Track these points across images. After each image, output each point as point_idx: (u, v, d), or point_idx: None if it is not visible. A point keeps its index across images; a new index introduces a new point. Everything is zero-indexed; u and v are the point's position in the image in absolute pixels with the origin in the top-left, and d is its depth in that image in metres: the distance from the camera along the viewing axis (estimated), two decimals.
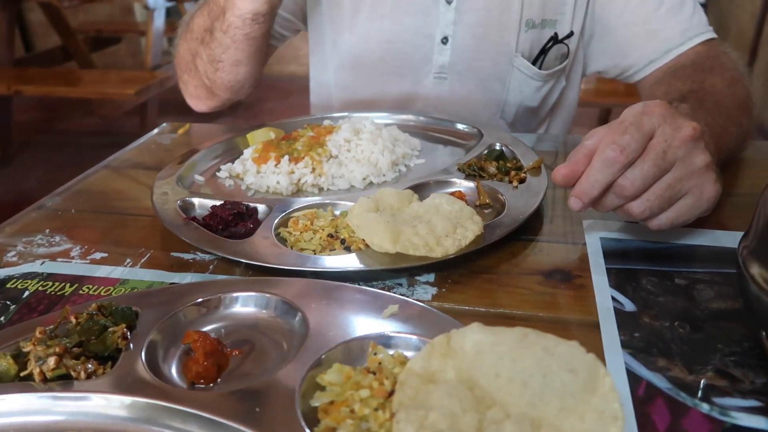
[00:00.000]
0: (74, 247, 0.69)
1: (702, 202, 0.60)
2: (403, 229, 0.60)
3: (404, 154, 0.86)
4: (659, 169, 0.58)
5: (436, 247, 0.60)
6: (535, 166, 0.77)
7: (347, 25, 1.05)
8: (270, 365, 0.49)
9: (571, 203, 0.60)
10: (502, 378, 0.40)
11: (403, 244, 0.59)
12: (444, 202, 0.66)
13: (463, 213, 0.64)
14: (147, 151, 0.98)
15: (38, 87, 3.05)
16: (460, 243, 0.60)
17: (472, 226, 0.62)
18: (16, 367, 0.46)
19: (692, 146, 0.58)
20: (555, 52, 1.04)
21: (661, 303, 0.57)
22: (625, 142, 0.57)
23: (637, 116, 0.58)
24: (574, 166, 0.60)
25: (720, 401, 0.46)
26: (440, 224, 0.61)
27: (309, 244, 0.64)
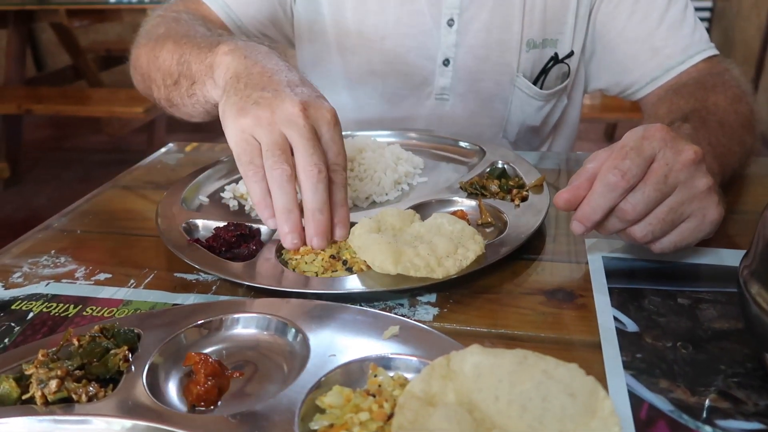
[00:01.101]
0: (79, 268, 0.69)
1: (705, 225, 0.60)
2: (404, 250, 0.61)
3: (407, 173, 0.86)
4: (661, 193, 0.58)
5: (438, 267, 0.60)
6: (537, 184, 0.78)
7: (349, 45, 1.05)
8: (271, 387, 0.49)
9: (574, 227, 0.61)
10: (501, 401, 0.40)
11: (404, 266, 0.59)
12: (445, 222, 0.66)
13: (465, 233, 0.64)
14: (153, 170, 0.99)
15: (48, 106, 3.09)
16: (461, 263, 0.61)
17: (473, 246, 0.62)
18: (18, 390, 0.47)
19: (694, 170, 0.58)
20: (556, 72, 1.04)
21: (664, 323, 0.57)
22: (626, 167, 0.57)
23: (638, 141, 0.59)
24: (576, 191, 0.60)
25: (723, 424, 0.45)
26: (441, 244, 0.61)
27: (311, 266, 0.64)
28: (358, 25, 1.04)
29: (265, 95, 0.65)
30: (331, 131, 0.66)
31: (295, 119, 0.63)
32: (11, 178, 3.32)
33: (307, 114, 0.64)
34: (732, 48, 3.98)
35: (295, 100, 0.64)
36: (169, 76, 0.84)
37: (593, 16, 1.00)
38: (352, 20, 1.03)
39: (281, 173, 0.62)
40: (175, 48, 0.83)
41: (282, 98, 0.64)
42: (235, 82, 0.68)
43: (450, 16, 0.99)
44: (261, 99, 0.65)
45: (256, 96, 0.65)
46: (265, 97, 0.65)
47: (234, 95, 0.67)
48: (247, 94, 0.66)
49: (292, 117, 0.63)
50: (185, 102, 0.83)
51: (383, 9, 1.01)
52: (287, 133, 0.64)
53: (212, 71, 0.73)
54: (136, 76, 0.98)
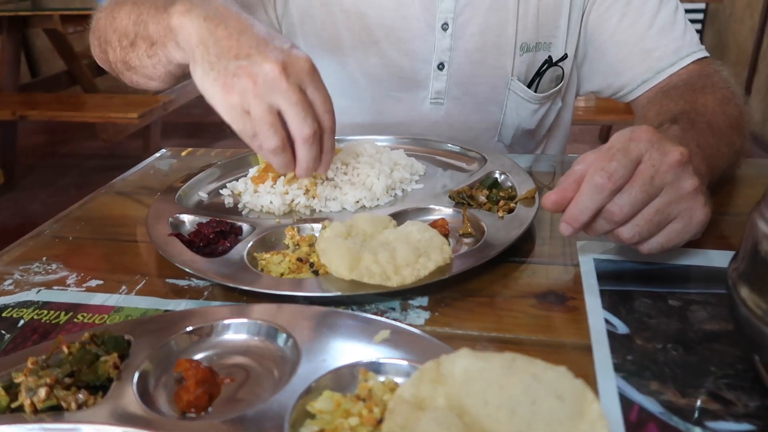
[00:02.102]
0: (70, 274, 0.69)
1: (692, 226, 0.60)
2: (364, 256, 0.61)
3: (402, 179, 0.85)
4: (647, 194, 0.58)
5: (394, 276, 0.60)
6: (527, 197, 0.76)
7: (342, 48, 1.05)
8: (261, 392, 0.49)
9: (562, 229, 0.61)
10: (490, 405, 0.40)
11: (359, 272, 0.60)
12: (415, 230, 0.65)
13: (432, 242, 0.64)
14: (146, 176, 0.99)
15: (43, 112, 3.09)
16: (418, 273, 0.60)
17: (436, 256, 0.62)
18: (7, 399, 0.46)
19: (680, 171, 0.59)
20: (550, 75, 1.05)
21: (655, 325, 0.57)
22: (612, 169, 0.57)
23: (625, 142, 0.59)
24: (563, 193, 0.60)
25: (713, 425, 0.45)
26: (403, 253, 0.61)
27: (278, 267, 0.65)
28: (351, 28, 1.04)
29: (241, 64, 0.65)
30: (313, 82, 0.68)
31: (277, 84, 0.64)
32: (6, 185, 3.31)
33: (288, 73, 0.65)
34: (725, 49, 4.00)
35: (273, 63, 0.64)
36: (125, 37, 0.83)
37: (585, 20, 1.01)
38: (345, 23, 1.03)
39: (275, 146, 0.67)
40: (132, 8, 0.81)
41: (259, 63, 0.65)
42: (205, 51, 0.67)
43: (444, 20, 1.00)
44: (238, 69, 0.65)
45: (233, 67, 0.65)
46: (242, 67, 0.65)
47: (210, 70, 0.66)
48: (224, 66, 0.66)
49: (275, 83, 0.64)
50: (144, 63, 0.82)
51: (377, 12, 1.01)
52: (274, 101, 0.65)
53: (174, 34, 0.72)
54: (93, 42, 0.95)
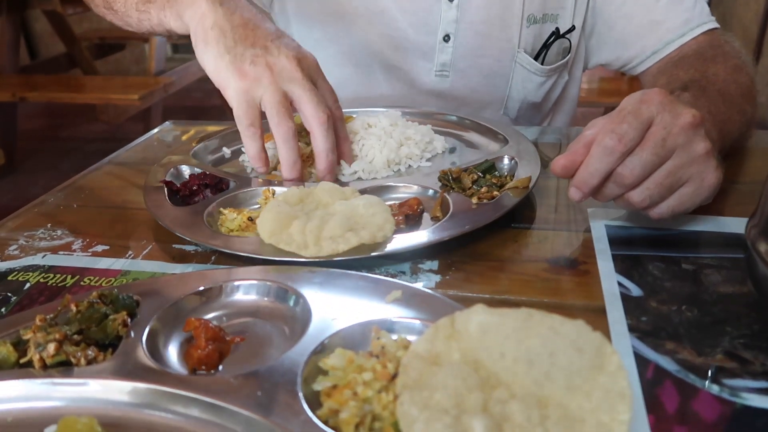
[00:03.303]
0: (75, 240, 0.68)
1: (703, 189, 0.59)
2: (294, 224, 0.60)
3: (410, 155, 0.83)
4: (658, 157, 0.57)
5: (312, 246, 0.59)
6: (517, 186, 0.69)
7: (348, 16, 1.03)
8: (272, 351, 0.49)
9: (571, 193, 0.60)
10: (507, 358, 0.40)
11: (277, 238, 0.60)
12: (361, 204, 0.64)
13: (373, 219, 0.62)
14: (150, 148, 0.98)
15: (43, 93, 3.06)
16: (336, 248, 0.59)
17: (365, 233, 0.60)
18: (15, 354, 0.46)
19: (692, 133, 0.57)
20: (557, 47, 1.03)
21: (669, 288, 0.56)
22: (623, 131, 0.56)
23: (636, 104, 0.58)
24: (573, 156, 0.59)
25: (730, 383, 0.45)
26: (332, 225, 0.60)
27: (230, 224, 0.66)
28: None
29: (257, 53, 0.70)
30: (321, 76, 0.75)
31: (293, 74, 0.70)
32: (7, 168, 3.30)
33: (302, 66, 0.71)
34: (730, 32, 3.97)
35: (289, 54, 0.70)
36: None
37: None
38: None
39: (287, 130, 0.70)
40: None
41: (275, 54, 0.70)
42: (221, 35, 0.70)
43: None
44: (255, 57, 0.69)
45: (250, 54, 0.69)
46: (258, 55, 0.69)
47: (226, 53, 0.70)
48: (240, 53, 0.70)
49: (290, 72, 0.70)
50: (130, 14, 0.84)
51: None
52: (289, 89, 0.70)
53: (179, 5, 0.74)
54: None
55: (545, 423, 0.36)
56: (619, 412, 0.36)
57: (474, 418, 0.36)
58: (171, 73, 3.41)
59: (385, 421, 0.40)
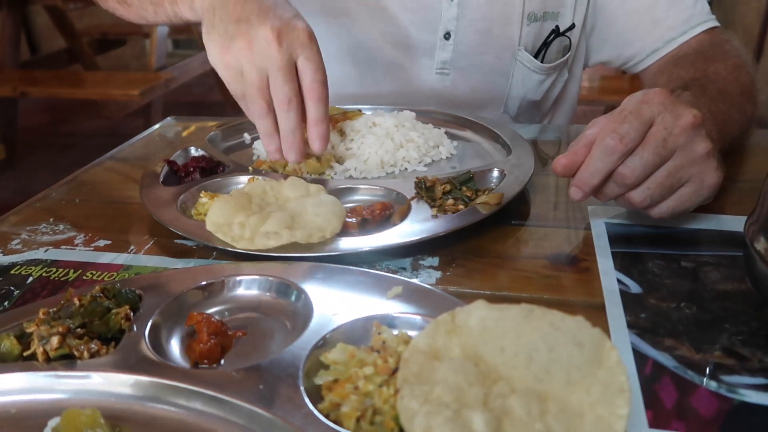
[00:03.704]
0: (78, 235, 0.69)
1: (703, 189, 0.59)
2: (238, 216, 0.62)
3: (407, 158, 0.82)
4: (659, 157, 0.57)
5: (244, 240, 0.60)
6: (487, 202, 0.65)
7: (349, 13, 1.03)
8: (274, 346, 0.49)
9: (572, 193, 0.60)
10: (507, 352, 0.40)
11: (215, 226, 0.61)
12: (311, 204, 0.64)
13: (316, 219, 0.62)
14: (151, 143, 0.98)
15: (43, 89, 3.06)
16: (266, 243, 0.60)
17: (300, 233, 0.60)
18: (19, 347, 0.46)
19: (693, 134, 0.57)
20: (557, 45, 1.03)
21: (668, 285, 0.56)
22: (624, 131, 0.56)
23: (637, 105, 0.58)
24: (574, 156, 0.60)
25: (728, 379, 0.45)
26: (271, 221, 0.61)
27: (201, 207, 0.69)
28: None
29: (240, 27, 0.68)
30: (306, 50, 0.68)
31: (269, 52, 0.67)
32: (7, 163, 3.30)
33: (281, 40, 0.67)
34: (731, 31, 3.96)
35: (269, 28, 0.67)
36: None
37: None
38: None
39: (259, 109, 0.69)
40: None
41: (256, 27, 0.67)
42: (212, 14, 0.70)
43: None
44: (236, 33, 0.68)
45: (232, 30, 0.68)
46: (240, 30, 0.67)
47: (213, 31, 0.69)
48: (224, 28, 0.69)
49: (266, 48, 0.67)
50: (145, 6, 0.85)
51: None
52: (263, 66, 0.67)
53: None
54: None
55: (545, 417, 0.37)
56: (618, 406, 0.36)
57: (474, 412, 0.36)
58: (172, 68, 3.41)
59: (386, 414, 0.40)
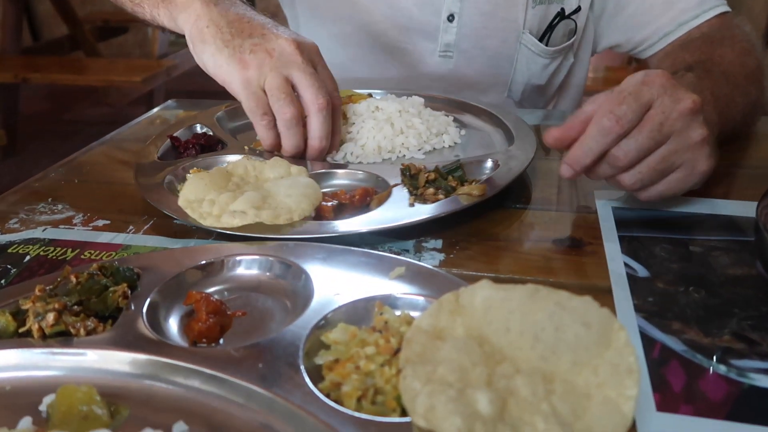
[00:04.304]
0: (76, 214, 0.68)
1: (693, 176, 0.59)
2: (210, 194, 0.62)
3: (404, 144, 0.80)
4: (654, 141, 0.56)
5: (211, 217, 0.60)
6: (468, 192, 0.63)
7: None
8: (274, 326, 0.48)
9: (563, 170, 0.59)
10: (512, 332, 0.39)
11: (187, 202, 0.61)
12: (285, 185, 0.64)
13: (286, 201, 0.61)
14: (152, 125, 0.97)
15: (45, 75, 3.05)
16: (231, 222, 0.59)
17: (266, 213, 0.59)
18: (14, 324, 0.45)
19: (690, 119, 0.57)
20: (563, 29, 1.02)
21: (676, 269, 0.55)
22: (621, 112, 0.55)
23: (637, 86, 0.57)
24: (567, 131, 0.59)
25: (737, 363, 0.44)
26: (240, 200, 0.60)
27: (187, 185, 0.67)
28: None
29: (255, 41, 0.70)
30: (321, 62, 0.74)
31: (293, 58, 0.69)
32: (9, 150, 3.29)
33: (301, 50, 0.70)
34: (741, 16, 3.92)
35: (288, 39, 0.70)
36: None
37: None
38: None
39: (289, 116, 0.69)
40: None
41: (273, 41, 0.70)
42: (218, 31, 0.71)
43: None
44: (254, 46, 0.70)
45: (249, 45, 0.70)
46: (257, 44, 0.70)
47: (225, 47, 0.70)
48: (239, 44, 0.70)
49: (291, 57, 0.69)
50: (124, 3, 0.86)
51: None
52: (289, 74, 0.69)
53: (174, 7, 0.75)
54: None
55: (551, 398, 0.36)
56: (626, 387, 0.35)
57: (478, 391, 0.35)
58: (174, 56, 3.39)
59: (387, 394, 0.39)
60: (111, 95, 3.29)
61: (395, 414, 0.38)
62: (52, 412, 0.39)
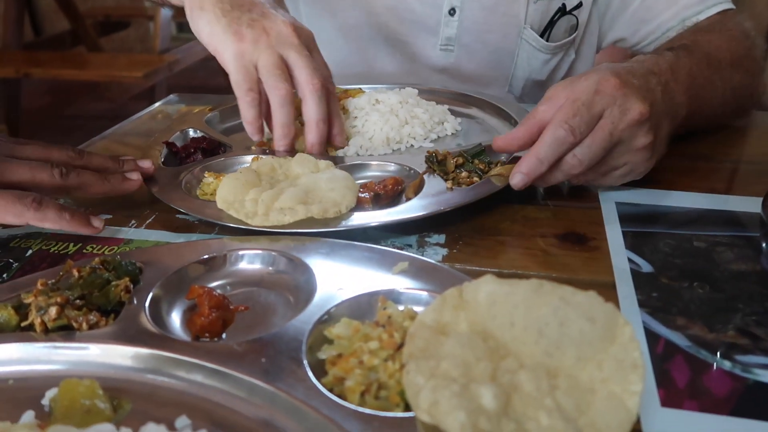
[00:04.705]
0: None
1: (630, 176, 0.64)
2: (250, 192, 0.60)
3: (413, 134, 0.80)
4: (604, 150, 0.60)
5: (259, 216, 0.58)
6: (500, 173, 0.64)
7: None
8: (276, 321, 0.48)
9: (516, 179, 0.60)
10: (516, 327, 0.39)
11: (228, 204, 0.60)
12: (324, 179, 0.63)
13: (331, 194, 0.60)
14: (153, 120, 0.97)
15: (46, 70, 3.03)
16: (282, 219, 0.58)
17: (315, 207, 0.59)
18: (17, 318, 0.45)
19: (636, 129, 0.60)
20: (565, 24, 1.01)
21: (680, 265, 0.55)
22: (575, 123, 0.58)
23: (590, 96, 0.59)
24: (512, 139, 0.63)
25: (742, 359, 0.44)
26: (285, 197, 0.60)
27: (207, 187, 0.67)
28: None
29: (254, 17, 0.69)
30: (316, 49, 0.73)
31: (290, 39, 0.69)
32: None
33: (298, 33, 0.70)
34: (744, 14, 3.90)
35: (286, 21, 0.69)
36: None
37: None
38: None
39: (284, 93, 0.68)
40: None
41: (272, 19, 0.69)
42: (219, 2, 0.69)
43: None
44: (252, 21, 0.69)
45: (246, 18, 0.69)
46: (255, 19, 0.69)
47: (222, 17, 0.69)
48: (237, 16, 0.69)
49: (287, 37, 0.69)
50: None
51: None
52: (285, 53, 0.68)
53: None
54: None
55: (555, 393, 0.35)
56: (631, 382, 0.35)
57: (482, 386, 0.35)
58: (176, 51, 3.38)
59: (391, 389, 0.39)
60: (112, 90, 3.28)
61: (399, 409, 0.38)
62: (54, 406, 0.39)
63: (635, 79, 0.62)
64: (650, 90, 0.62)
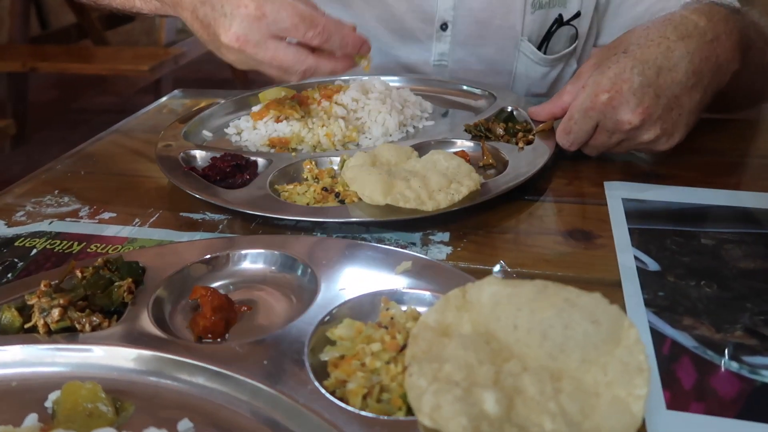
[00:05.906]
0: (83, 207, 0.68)
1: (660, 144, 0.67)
2: (395, 183, 0.60)
3: (413, 116, 0.84)
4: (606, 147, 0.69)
5: (428, 201, 0.58)
6: (544, 129, 0.74)
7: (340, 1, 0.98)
8: (279, 321, 0.48)
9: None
10: (520, 329, 0.38)
11: (394, 197, 0.58)
12: (441, 158, 0.64)
13: (461, 169, 0.62)
14: (158, 116, 0.97)
15: (53, 64, 3.04)
16: (452, 197, 0.59)
17: (467, 181, 0.60)
18: (20, 319, 0.45)
19: (634, 132, 0.65)
20: (564, 35, 0.99)
21: (687, 263, 0.54)
22: (573, 137, 0.68)
23: (583, 113, 0.66)
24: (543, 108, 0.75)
25: (750, 360, 0.43)
26: (434, 179, 0.60)
27: (303, 197, 0.64)
28: None
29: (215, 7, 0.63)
30: None
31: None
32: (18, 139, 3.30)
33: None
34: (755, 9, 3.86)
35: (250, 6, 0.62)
36: None
37: None
38: None
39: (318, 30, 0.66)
40: None
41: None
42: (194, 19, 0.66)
43: None
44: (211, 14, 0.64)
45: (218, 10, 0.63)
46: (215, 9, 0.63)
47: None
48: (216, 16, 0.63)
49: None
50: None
51: None
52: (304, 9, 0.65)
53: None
54: None
55: (558, 397, 0.35)
56: (636, 386, 0.35)
57: (485, 390, 0.35)
58: (181, 44, 3.37)
59: (393, 392, 0.39)
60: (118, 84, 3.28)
61: (401, 412, 0.38)
62: (57, 409, 0.39)
63: (639, 75, 0.62)
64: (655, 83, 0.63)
